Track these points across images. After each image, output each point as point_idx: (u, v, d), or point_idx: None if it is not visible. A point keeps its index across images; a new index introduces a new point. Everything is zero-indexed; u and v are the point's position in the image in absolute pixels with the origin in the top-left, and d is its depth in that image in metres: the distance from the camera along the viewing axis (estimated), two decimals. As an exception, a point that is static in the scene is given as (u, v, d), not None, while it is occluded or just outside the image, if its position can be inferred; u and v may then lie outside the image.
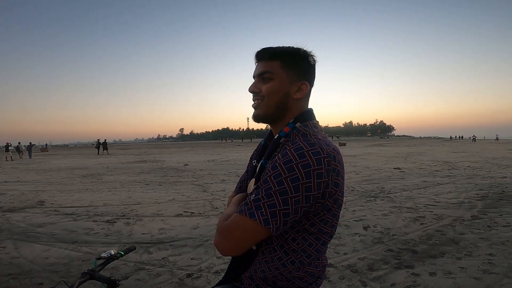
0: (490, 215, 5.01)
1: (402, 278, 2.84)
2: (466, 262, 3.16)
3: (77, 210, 5.89)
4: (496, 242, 3.74)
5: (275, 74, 0.90)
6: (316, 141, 0.81)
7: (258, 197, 0.77)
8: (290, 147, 0.79)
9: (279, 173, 0.76)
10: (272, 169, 0.78)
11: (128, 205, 6.21)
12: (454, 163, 13.57)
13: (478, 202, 5.98)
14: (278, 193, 0.75)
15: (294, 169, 0.75)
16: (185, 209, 5.71)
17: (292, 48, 0.92)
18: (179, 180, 9.76)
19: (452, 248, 3.58)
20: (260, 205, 0.76)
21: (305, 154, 0.76)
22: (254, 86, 0.94)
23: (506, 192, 6.90)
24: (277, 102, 0.91)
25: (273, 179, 0.76)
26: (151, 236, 4.17)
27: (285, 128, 0.90)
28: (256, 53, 0.95)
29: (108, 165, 16.18)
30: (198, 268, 3.09)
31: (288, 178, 0.75)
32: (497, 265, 3.06)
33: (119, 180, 10.03)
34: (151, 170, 12.98)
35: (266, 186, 0.77)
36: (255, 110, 0.94)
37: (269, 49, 0.92)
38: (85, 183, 9.66)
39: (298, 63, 0.92)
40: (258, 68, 0.94)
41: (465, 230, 4.27)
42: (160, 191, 7.70)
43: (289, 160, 0.76)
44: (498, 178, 8.95)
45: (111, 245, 3.82)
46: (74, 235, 4.28)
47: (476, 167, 11.96)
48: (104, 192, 7.89)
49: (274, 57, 0.91)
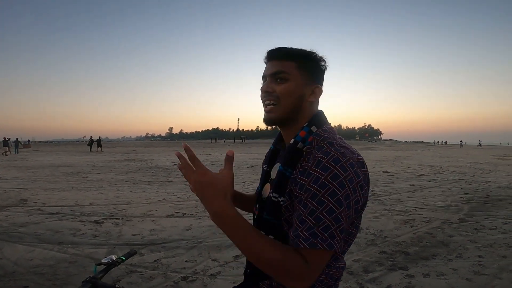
0: (477, 218, 5.13)
1: (397, 280, 2.87)
2: (457, 264, 3.22)
3: (62, 209, 5.71)
4: (484, 244, 3.84)
5: (291, 74, 0.87)
6: (346, 151, 0.78)
7: (327, 224, 0.72)
8: (325, 159, 0.75)
9: (333, 191, 0.72)
10: (320, 187, 0.73)
11: (117, 204, 6.07)
12: (440, 168, 13.90)
13: (465, 205, 6.13)
14: (341, 213, 0.73)
15: (344, 186, 0.73)
16: (176, 209, 5.61)
17: (307, 50, 0.90)
18: (169, 180, 9.61)
19: (443, 250, 3.64)
20: (333, 232, 0.72)
21: (345, 168, 0.74)
22: (267, 86, 0.89)
23: (490, 196, 7.10)
24: (292, 105, 0.87)
25: (329, 198, 0.72)
26: (142, 237, 4.07)
27: (300, 132, 0.86)
28: (269, 52, 0.91)
29: (94, 163, 15.80)
30: (193, 270, 3.02)
31: (341, 196, 0.73)
32: (487, 267, 3.13)
33: (106, 179, 9.81)
34: (139, 169, 12.75)
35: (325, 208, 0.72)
36: (269, 112, 0.89)
37: (284, 49, 0.89)
38: (70, 181, 9.40)
39: (312, 66, 0.90)
40: (271, 67, 0.89)
41: (453, 232, 4.36)
42: (149, 191, 7.56)
43: (336, 175, 0.73)
44: (482, 183, 9.21)
45: (99, 247, 3.70)
46: (59, 236, 4.13)
47: (461, 172, 12.28)
48: (91, 191, 7.69)
49: (290, 58, 0.88)
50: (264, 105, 0.91)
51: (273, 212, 0.84)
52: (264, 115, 0.91)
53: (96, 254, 3.44)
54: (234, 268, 3.09)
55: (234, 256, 3.41)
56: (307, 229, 0.72)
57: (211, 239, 3.99)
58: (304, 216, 0.74)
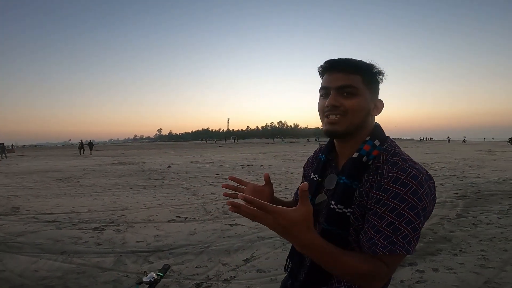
0: (473, 213, 5.28)
1: (409, 275, 2.94)
2: (462, 258, 3.32)
3: (58, 216, 5.56)
4: (484, 238, 3.95)
5: (359, 89, 0.86)
6: (419, 166, 0.81)
7: (406, 234, 0.76)
8: (403, 176, 0.78)
9: (413, 205, 0.75)
10: (400, 202, 0.76)
11: (115, 210, 5.95)
12: (430, 164, 14.20)
13: (459, 201, 6.29)
14: (418, 224, 0.77)
15: (422, 200, 0.76)
16: (177, 214, 5.55)
17: (370, 63, 0.90)
18: (164, 183, 9.49)
19: (447, 246, 3.74)
20: (411, 240, 0.76)
21: (422, 183, 0.77)
22: (335, 100, 0.87)
23: (482, 191, 7.31)
24: (360, 120, 0.88)
25: (409, 211, 0.76)
26: (147, 244, 4.01)
27: (364, 146, 0.87)
28: (331, 62, 0.89)
29: (84, 168, 15.46)
30: (206, 276, 3.00)
31: (420, 209, 0.76)
32: (491, 260, 3.24)
33: (99, 184, 9.60)
34: (132, 173, 12.54)
35: (405, 219, 0.76)
36: (333, 124, 0.88)
37: (348, 61, 0.88)
38: (62, 187, 9.16)
39: (375, 79, 0.91)
40: (336, 79, 0.87)
41: (453, 228, 4.47)
42: (146, 195, 7.45)
43: (415, 190, 0.76)
44: (472, 178, 9.47)
45: (105, 255, 3.63)
46: (61, 245, 4.03)
47: (450, 168, 12.59)
48: (85, 196, 7.52)
49: (357, 71, 0.87)
50: (324, 117, 0.90)
51: (337, 223, 0.86)
52: (326, 126, 0.90)
53: (103, 263, 3.37)
54: (247, 272, 3.08)
55: (244, 259, 3.41)
56: (384, 238, 0.76)
57: (218, 243, 3.97)
58: (380, 227, 0.77)
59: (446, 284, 2.76)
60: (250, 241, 4.02)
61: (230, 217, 5.18)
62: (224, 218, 5.18)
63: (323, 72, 0.92)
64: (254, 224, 4.68)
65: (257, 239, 4.08)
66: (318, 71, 0.94)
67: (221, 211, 5.65)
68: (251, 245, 3.85)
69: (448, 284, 2.76)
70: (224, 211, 5.68)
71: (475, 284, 2.73)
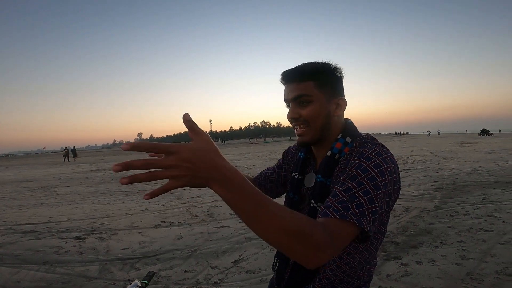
0: (450, 205, 5.50)
1: (394, 269, 3.02)
2: (443, 250, 3.45)
3: (36, 227, 5.35)
4: (462, 230, 4.12)
5: (313, 96, 0.87)
6: (387, 150, 0.82)
7: (361, 202, 0.71)
8: (367, 152, 0.78)
9: (373, 176, 0.74)
10: (361, 171, 0.75)
11: (96, 218, 5.78)
12: (407, 157, 14.70)
13: (436, 193, 6.54)
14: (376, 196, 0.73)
15: (384, 174, 0.75)
16: (162, 219, 5.46)
17: (320, 64, 0.89)
18: (147, 188, 9.29)
19: (428, 238, 3.87)
20: (365, 211, 0.71)
21: (387, 160, 0.77)
22: (292, 112, 0.89)
23: (457, 182, 7.64)
24: (322, 125, 0.89)
25: (368, 181, 0.73)
26: (132, 250, 3.92)
27: (336, 144, 0.89)
28: (283, 74, 0.91)
29: (60, 176, 14.90)
30: (195, 280, 2.97)
31: (379, 181, 0.74)
32: (471, 251, 3.37)
33: (77, 192, 9.30)
34: (113, 179, 12.20)
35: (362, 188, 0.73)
36: (301, 136, 0.91)
37: (298, 70, 0.88)
38: (38, 197, 8.80)
39: (331, 79, 0.89)
40: (290, 91, 0.89)
41: (433, 220, 4.65)
42: (129, 202, 7.28)
43: (378, 164, 0.75)
44: (447, 170, 9.87)
45: (89, 264, 3.52)
46: (42, 255, 3.88)
47: (426, 160, 13.08)
48: (63, 205, 7.26)
49: (306, 78, 0.87)
50: (294, 129, 0.93)
51: None
52: (297, 138, 0.93)
53: (88, 272, 3.27)
54: (236, 274, 3.08)
55: (233, 261, 3.40)
56: (339, 202, 0.71)
57: (205, 246, 3.94)
58: (338, 192, 0.74)
59: (430, 276, 2.86)
60: (237, 242, 4.01)
61: (217, 220, 5.15)
62: (211, 220, 5.15)
63: (283, 83, 0.93)
64: (241, 226, 4.68)
65: (244, 240, 4.08)
66: (281, 83, 0.94)
67: (207, 214, 5.61)
68: (239, 247, 3.85)
69: (432, 276, 2.85)
70: (210, 213, 5.64)
71: (458, 276, 2.82)
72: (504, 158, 12.71)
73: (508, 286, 2.61)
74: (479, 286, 2.65)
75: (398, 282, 2.79)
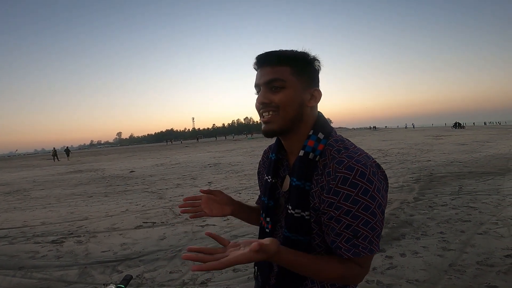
0: (428, 196, 5.68)
1: (379, 262, 3.06)
2: (425, 241, 3.53)
3: (9, 232, 5.09)
4: (441, 220, 4.23)
5: (287, 81, 0.81)
6: (365, 159, 0.77)
7: (365, 235, 0.74)
8: (350, 175, 0.74)
9: (366, 205, 0.73)
10: (352, 203, 0.73)
11: (73, 221, 5.55)
12: (386, 151, 15.10)
13: (415, 184, 6.74)
14: (376, 223, 0.75)
15: (375, 197, 0.74)
16: (144, 219, 5.31)
17: (300, 52, 0.84)
18: (127, 188, 9.03)
19: (409, 230, 3.96)
20: (371, 239, 0.75)
21: (371, 180, 0.74)
22: (263, 97, 0.82)
23: (434, 174, 7.90)
24: (293, 113, 0.82)
25: (364, 212, 0.73)
26: (113, 253, 3.78)
27: (308, 142, 0.82)
28: (258, 57, 0.84)
29: (34, 179, 14.23)
30: (181, 281, 2.90)
31: (374, 207, 0.74)
32: (451, 242, 3.46)
33: (53, 195, 8.90)
34: (90, 181, 11.77)
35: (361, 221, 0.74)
36: (268, 124, 0.83)
37: (276, 53, 0.82)
38: (11, 201, 8.36)
39: (308, 68, 0.84)
40: (263, 75, 0.82)
41: (413, 212, 4.77)
42: (108, 203, 7.03)
43: (366, 190, 0.73)
44: (424, 162, 10.21)
45: (68, 268, 3.37)
46: (17, 260, 3.70)
47: (404, 153, 13.49)
48: (38, 209, 6.93)
49: (283, 62, 0.81)
50: (261, 116, 0.85)
51: (298, 229, 0.81)
52: (262, 126, 0.85)
53: (67, 277, 3.13)
54: (223, 273, 3.03)
55: (219, 260, 3.34)
56: (346, 240, 0.75)
57: (189, 245, 3.86)
58: (339, 230, 0.75)
59: (415, 268, 2.90)
60: (223, 241, 3.95)
61: (201, 218, 5.05)
62: (194, 220, 5.05)
63: (256, 69, 0.86)
64: (226, 223, 4.63)
65: (230, 238, 4.03)
66: (254, 68, 0.87)
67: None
68: (224, 245, 3.79)
69: (416, 268, 2.90)
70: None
71: (441, 267, 2.88)
72: (476, 149, 13.32)
73: (490, 277, 2.67)
74: (462, 277, 2.69)
75: (384, 275, 2.82)
